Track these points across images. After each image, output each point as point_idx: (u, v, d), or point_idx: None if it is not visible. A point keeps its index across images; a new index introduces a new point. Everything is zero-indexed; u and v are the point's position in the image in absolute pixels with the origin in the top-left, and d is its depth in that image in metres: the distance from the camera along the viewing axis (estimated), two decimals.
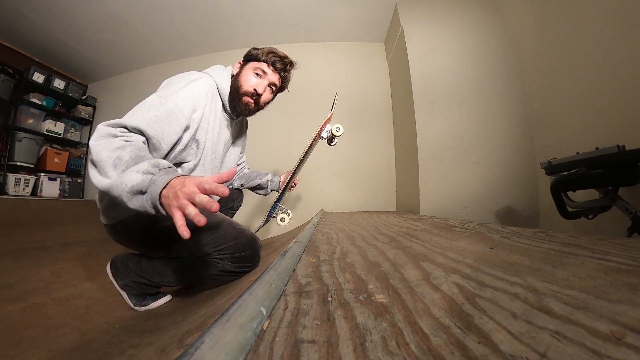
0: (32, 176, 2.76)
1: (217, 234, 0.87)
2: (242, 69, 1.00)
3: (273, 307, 0.31)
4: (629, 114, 1.15)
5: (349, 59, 2.83)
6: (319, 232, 0.99)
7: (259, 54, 1.00)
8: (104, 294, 1.08)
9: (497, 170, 1.81)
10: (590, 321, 0.23)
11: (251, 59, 1.00)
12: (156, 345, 0.55)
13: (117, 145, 0.64)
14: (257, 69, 0.99)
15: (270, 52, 1.00)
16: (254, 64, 0.99)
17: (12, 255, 1.45)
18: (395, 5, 2.29)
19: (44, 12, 2.35)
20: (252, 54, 1.01)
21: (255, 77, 0.99)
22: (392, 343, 0.23)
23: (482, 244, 0.59)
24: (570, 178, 1.06)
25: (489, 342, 0.21)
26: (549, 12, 1.60)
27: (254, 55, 1.00)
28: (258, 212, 2.57)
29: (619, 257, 0.41)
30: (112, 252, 1.07)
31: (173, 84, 0.85)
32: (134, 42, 2.81)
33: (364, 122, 2.65)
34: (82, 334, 0.78)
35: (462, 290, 0.33)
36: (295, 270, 0.47)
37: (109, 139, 0.66)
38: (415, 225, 1.06)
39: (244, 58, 1.03)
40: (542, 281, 0.33)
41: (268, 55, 0.99)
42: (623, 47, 1.17)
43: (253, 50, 1.02)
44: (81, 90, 3.27)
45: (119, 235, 0.91)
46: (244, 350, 0.22)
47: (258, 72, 0.99)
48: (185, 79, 0.88)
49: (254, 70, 0.98)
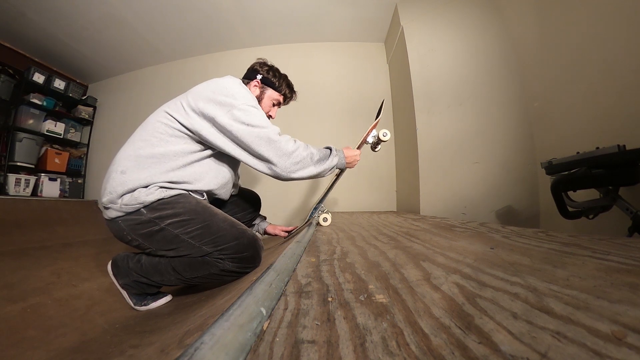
0: (32, 176, 2.76)
1: (218, 234, 0.88)
2: (263, 95, 1.14)
3: (273, 308, 0.31)
4: (629, 114, 1.15)
5: (349, 59, 2.83)
6: (319, 232, 0.99)
7: (279, 86, 1.15)
8: (104, 294, 1.08)
9: (497, 170, 1.80)
10: (590, 321, 0.23)
11: (270, 86, 1.14)
12: (156, 346, 0.55)
13: (300, 144, 0.97)
14: (275, 100, 1.16)
15: (288, 85, 1.18)
16: (274, 95, 1.15)
17: (12, 255, 1.45)
18: (395, 5, 2.29)
19: (45, 12, 2.34)
20: (272, 82, 1.14)
21: (273, 106, 1.17)
22: (393, 343, 0.23)
23: (483, 244, 0.59)
24: (571, 178, 1.06)
25: (489, 343, 0.21)
26: (548, 12, 1.60)
27: (274, 83, 1.14)
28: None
29: (620, 257, 0.41)
30: (113, 253, 1.07)
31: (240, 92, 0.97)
32: (134, 42, 2.81)
33: (364, 122, 2.65)
34: (82, 334, 0.78)
35: (462, 290, 0.33)
36: (295, 270, 0.47)
37: (291, 141, 0.95)
38: (415, 225, 1.06)
39: (263, 80, 1.13)
40: (542, 281, 0.33)
41: (286, 90, 1.17)
42: (623, 47, 1.17)
43: (271, 76, 1.14)
44: (81, 90, 3.26)
45: (122, 230, 0.91)
46: (244, 350, 0.22)
47: (275, 102, 1.17)
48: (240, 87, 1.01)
49: (272, 100, 1.15)
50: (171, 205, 0.88)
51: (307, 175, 0.96)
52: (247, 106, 0.93)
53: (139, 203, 0.86)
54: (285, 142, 0.93)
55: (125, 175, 0.88)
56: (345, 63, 2.83)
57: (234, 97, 0.93)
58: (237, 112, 0.90)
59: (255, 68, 1.15)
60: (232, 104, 0.91)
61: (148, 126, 0.95)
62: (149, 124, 0.96)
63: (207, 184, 1.00)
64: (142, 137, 0.93)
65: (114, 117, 3.24)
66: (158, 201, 0.88)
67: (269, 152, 0.90)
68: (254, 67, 1.15)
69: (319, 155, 0.99)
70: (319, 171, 0.98)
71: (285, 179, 0.97)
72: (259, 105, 1.08)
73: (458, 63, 1.99)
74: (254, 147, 0.90)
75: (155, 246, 0.91)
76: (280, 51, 2.84)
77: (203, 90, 0.95)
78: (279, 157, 0.91)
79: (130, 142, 0.95)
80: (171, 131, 0.93)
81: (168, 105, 0.98)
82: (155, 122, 0.95)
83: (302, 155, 0.94)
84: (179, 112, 0.93)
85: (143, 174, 0.88)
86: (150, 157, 0.90)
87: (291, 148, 0.93)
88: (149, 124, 0.96)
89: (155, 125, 0.94)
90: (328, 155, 1.02)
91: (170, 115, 0.94)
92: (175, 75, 3.12)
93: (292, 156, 0.93)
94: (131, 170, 0.89)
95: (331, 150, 1.04)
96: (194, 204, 0.91)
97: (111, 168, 0.92)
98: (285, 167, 0.92)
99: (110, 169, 0.92)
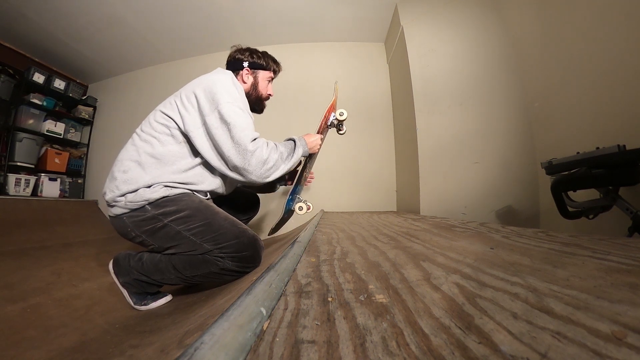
0: (32, 176, 2.76)
1: (219, 232, 0.89)
2: (257, 79, 1.17)
3: (273, 308, 0.31)
4: (629, 114, 1.15)
5: (349, 59, 2.83)
6: (319, 232, 0.99)
7: (267, 64, 1.18)
8: (104, 294, 1.09)
9: (497, 170, 1.80)
10: (591, 321, 0.23)
11: (260, 68, 1.17)
12: (156, 346, 0.55)
13: (272, 147, 0.97)
14: (269, 78, 1.20)
15: (273, 60, 1.21)
16: (266, 74, 1.19)
17: (12, 255, 1.45)
18: (395, 5, 2.29)
19: (45, 12, 2.34)
20: (260, 64, 1.17)
21: (269, 84, 1.21)
22: (392, 343, 0.23)
23: (483, 244, 0.59)
24: (571, 178, 1.06)
25: (489, 343, 0.21)
26: (549, 12, 1.60)
27: (262, 65, 1.17)
28: None
29: (620, 257, 0.41)
30: (113, 253, 1.07)
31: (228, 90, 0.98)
32: (134, 42, 2.81)
33: (364, 122, 2.65)
34: (82, 334, 0.78)
35: (462, 290, 0.33)
36: (295, 271, 0.47)
37: (265, 147, 0.95)
38: (415, 225, 1.06)
39: (251, 66, 1.16)
40: (542, 281, 0.33)
41: (274, 65, 1.20)
42: (624, 47, 1.17)
43: (256, 59, 1.15)
44: (81, 90, 3.26)
45: (126, 227, 0.93)
46: (244, 350, 0.22)
47: (269, 79, 1.20)
48: (231, 85, 1.02)
49: (267, 79, 1.19)
50: (175, 203, 0.91)
51: (279, 175, 0.99)
52: (234, 107, 0.93)
53: (144, 200, 0.89)
54: (260, 150, 0.92)
55: (127, 175, 0.91)
56: (346, 63, 2.82)
57: (222, 95, 0.94)
58: (223, 110, 0.91)
59: (237, 57, 1.15)
60: (219, 102, 0.92)
61: (146, 127, 0.98)
62: (147, 124, 0.98)
63: (210, 185, 1.02)
64: (142, 137, 0.96)
65: (114, 117, 3.24)
66: (162, 198, 0.90)
67: (244, 162, 0.91)
68: (236, 57, 1.16)
69: (287, 152, 1.01)
70: (288, 167, 1.01)
71: (258, 184, 1.04)
72: (257, 89, 1.17)
73: (458, 63, 1.99)
74: (230, 157, 0.91)
75: (158, 243, 0.92)
76: (280, 51, 2.81)
77: (195, 87, 0.97)
78: (254, 167, 0.92)
79: (131, 143, 0.97)
80: (168, 131, 0.95)
81: (164, 105, 1.00)
82: (153, 121, 0.97)
83: (274, 159, 0.95)
84: (174, 111, 0.96)
85: (146, 176, 0.91)
86: (151, 157, 0.92)
87: (265, 155, 0.93)
88: (147, 124, 0.98)
89: (153, 125, 0.96)
90: (293, 148, 1.04)
91: (165, 114, 0.96)
92: (175, 75, 3.11)
93: (267, 163, 0.94)
94: (133, 170, 0.91)
95: (295, 142, 1.06)
96: (197, 202, 0.94)
97: (114, 168, 0.95)
98: (260, 174, 0.94)
99: (113, 169, 0.95)
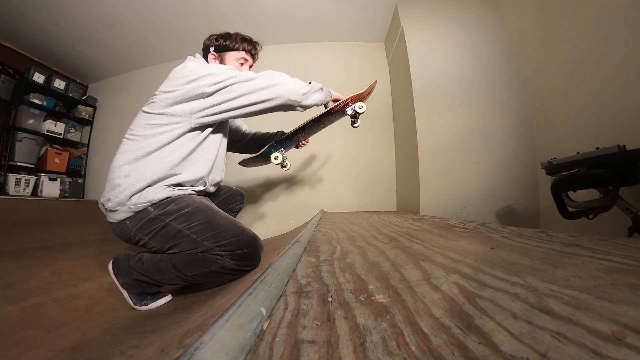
0: (32, 176, 2.76)
1: (218, 230, 0.90)
2: (224, 62, 1.11)
3: (273, 308, 0.31)
4: (629, 114, 1.15)
5: (349, 59, 2.83)
6: (319, 232, 0.99)
7: (235, 45, 1.12)
8: (105, 294, 1.09)
9: (497, 170, 1.80)
10: (591, 321, 0.23)
11: (225, 49, 1.12)
12: (156, 346, 0.55)
13: None
14: (240, 59, 1.13)
15: (243, 39, 1.14)
16: (235, 54, 1.12)
17: (12, 255, 1.45)
18: (395, 5, 2.29)
19: (45, 12, 2.34)
20: (226, 45, 1.11)
21: (241, 66, 1.13)
22: (392, 343, 0.23)
23: (483, 244, 0.59)
24: (571, 178, 1.06)
25: (489, 343, 0.21)
26: (549, 12, 1.60)
27: (228, 46, 1.11)
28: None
29: (620, 257, 0.41)
30: (113, 253, 1.07)
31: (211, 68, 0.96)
32: (134, 43, 2.81)
33: (364, 122, 2.63)
34: (82, 334, 0.78)
35: (462, 290, 0.33)
36: (295, 270, 0.47)
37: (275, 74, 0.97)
38: (415, 225, 1.06)
39: (217, 49, 1.12)
40: (542, 281, 0.33)
41: (244, 44, 1.13)
42: (624, 47, 1.17)
43: (222, 41, 1.12)
44: (81, 90, 3.26)
45: (129, 231, 0.93)
46: (243, 350, 0.22)
47: (241, 61, 1.13)
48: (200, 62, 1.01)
49: (237, 61, 1.12)
50: (176, 202, 0.92)
51: (314, 99, 1.13)
52: (218, 69, 0.94)
53: (148, 201, 0.90)
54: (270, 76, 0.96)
55: (129, 179, 0.91)
56: (345, 63, 2.82)
57: (203, 71, 0.94)
58: (214, 78, 0.92)
59: (205, 44, 1.16)
60: (207, 75, 0.93)
61: (135, 129, 0.98)
62: (135, 126, 0.99)
63: (205, 168, 1.03)
64: (134, 139, 0.97)
65: (114, 117, 3.24)
66: (165, 199, 0.92)
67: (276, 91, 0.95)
68: (204, 45, 1.16)
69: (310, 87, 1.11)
70: (320, 95, 1.16)
71: (295, 101, 1.05)
72: None
73: (458, 63, 1.99)
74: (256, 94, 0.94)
75: (160, 244, 0.93)
76: (280, 51, 2.84)
77: (176, 79, 0.96)
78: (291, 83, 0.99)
79: (124, 150, 0.97)
80: (154, 121, 0.96)
81: (144, 107, 1.01)
82: (140, 122, 0.98)
83: (293, 80, 1.01)
84: (161, 102, 0.96)
85: (147, 172, 0.92)
86: (147, 154, 0.93)
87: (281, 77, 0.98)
88: (136, 126, 0.99)
89: (141, 125, 0.97)
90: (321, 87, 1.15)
91: (148, 112, 0.97)
92: None
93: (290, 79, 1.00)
94: (134, 172, 0.92)
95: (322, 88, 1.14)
96: (198, 202, 0.95)
97: (112, 175, 0.94)
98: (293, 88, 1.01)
99: (112, 177, 0.94)
